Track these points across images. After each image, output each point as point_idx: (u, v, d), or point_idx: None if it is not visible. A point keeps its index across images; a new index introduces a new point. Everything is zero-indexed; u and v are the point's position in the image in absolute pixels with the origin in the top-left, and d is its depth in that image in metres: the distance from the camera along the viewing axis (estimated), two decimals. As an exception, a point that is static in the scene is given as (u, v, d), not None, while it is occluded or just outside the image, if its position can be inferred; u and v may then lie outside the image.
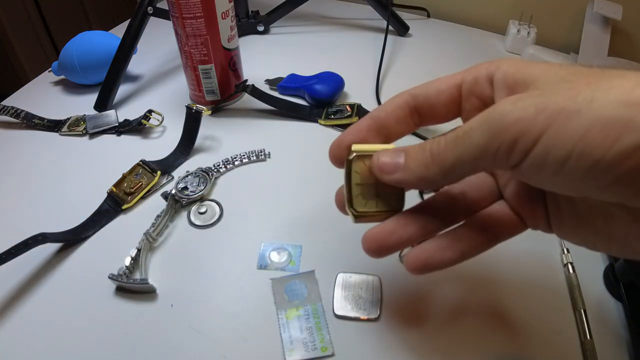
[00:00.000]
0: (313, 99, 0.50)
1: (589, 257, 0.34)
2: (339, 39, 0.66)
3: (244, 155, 0.43)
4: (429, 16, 0.74)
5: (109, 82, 0.50)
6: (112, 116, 0.48)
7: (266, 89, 0.53)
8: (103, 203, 0.38)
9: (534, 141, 0.16)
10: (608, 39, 0.59)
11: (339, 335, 0.29)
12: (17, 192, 0.41)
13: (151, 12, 0.49)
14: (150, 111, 0.47)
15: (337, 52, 0.62)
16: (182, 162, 0.43)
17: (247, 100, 0.52)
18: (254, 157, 0.43)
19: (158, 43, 0.63)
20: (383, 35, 0.60)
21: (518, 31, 0.63)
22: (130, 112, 0.49)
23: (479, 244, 0.23)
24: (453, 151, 0.19)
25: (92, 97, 0.50)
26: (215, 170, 0.42)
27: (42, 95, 0.54)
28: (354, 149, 0.23)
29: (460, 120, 0.24)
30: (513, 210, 0.23)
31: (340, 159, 0.24)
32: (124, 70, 0.51)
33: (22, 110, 0.47)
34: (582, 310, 0.30)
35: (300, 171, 0.42)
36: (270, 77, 0.55)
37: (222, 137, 0.46)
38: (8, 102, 0.51)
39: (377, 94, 0.53)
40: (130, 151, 0.44)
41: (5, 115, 0.47)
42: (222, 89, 0.49)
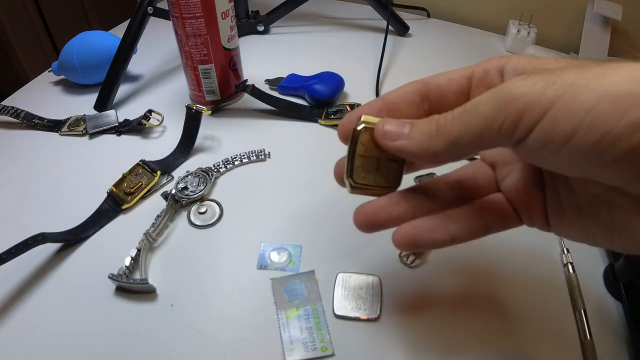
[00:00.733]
0: (313, 99, 0.50)
1: (589, 257, 0.34)
2: (339, 39, 0.66)
3: (244, 155, 0.43)
4: (429, 16, 0.74)
5: (109, 82, 0.50)
6: (112, 116, 0.48)
7: (266, 89, 0.53)
8: (103, 203, 0.38)
9: (542, 113, 0.16)
10: (608, 39, 0.59)
11: (339, 335, 0.29)
12: (17, 192, 0.41)
13: (151, 12, 0.49)
14: (150, 111, 0.47)
15: (337, 52, 0.62)
16: (182, 162, 0.43)
17: (247, 100, 0.52)
18: (254, 157, 0.43)
19: (158, 43, 0.63)
20: (383, 35, 0.60)
21: (518, 31, 0.63)
22: (130, 112, 0.49)
23: (471, 231, 0.22)
24: (459, 123, 0.18)
25: (92, 97, 0.50)
26: (215, 170, 0.42)
27: (42, 95, 0.54)
28: (364, 119, 0.22)
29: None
30: (509, 202, 0.23)
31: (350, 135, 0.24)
32: (124, 70, 0.51)
33: (22, 110, 0.47)
34: (582, 310, 0.30)
35: (300, 171, 0.42)
36: (270, 77, 0.55)
37: (222, 137, 0.47)
38: (8, 102, 0.51)
39: (377, 94, 0.53)
40: (130, 151, 0.44)
41: (5, 115, 0.47)
42: (222, 89, 0.49)
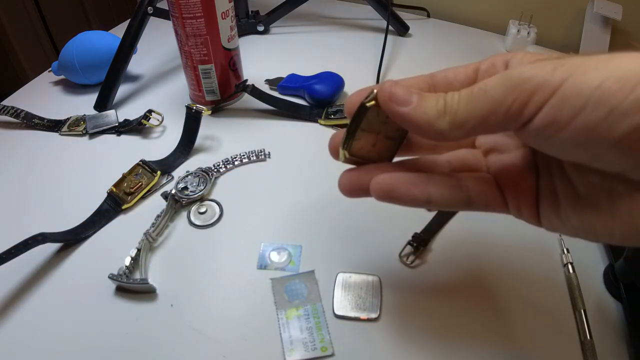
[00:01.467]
0: (313, 99, 0.50)
1: (589, 257, 0.34)
2: (339, 39, 0.66)
3: (244, 155, 0.43)
4: (429, 16, 0.74)
5: (109, 82, 0.50)
6: (112, 116, 0.48)
7: (266, 89, 0.53)
8: (103, 203, 0.38)
9: (551, 93, 0.16)
10: (608, 39, 0.59)
11: (339, 335, 0.29)
12: (17, 192, 0.41)
13: (151, 12, 0.49)
14: (150, 111, 0.47)
15: (337, 52, 0.62)
16: (182, 162, 0.43)
17: (247, 100, 0.52)
18: (254, 157, 0.43)
19: (158, 43, 0.63)
20: (383, 35, 0.60)
21: (518, 31, 0.63)
22: (130, 112, 0.49)
23: (450, 198, 0.22)
24: (468, 104, 0.18)
25: (92, 97, 0.50)
26: (215, 170, 0.42)
27: (42, 95, 0.54)
28: (375, 94, 0.21)
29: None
30: (498, 185, 0.23)
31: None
32: (124, 70, 0.51)
33: (22, 110, 0.47)
34: (582, 310, 0.30)
35: (300, 171, 0.42)
36: (270, 77, 0.55)
37: (222, 137, 0.47)
38: (8, 102, 0.51)
39: (377, 94, 0.53)
40: (130, 151, 0.44)
41: (5, 115, 0.47)
42: (222, 89, 0.49)
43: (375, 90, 0.21)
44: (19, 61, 1.23)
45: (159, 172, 0.40)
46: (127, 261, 0.33)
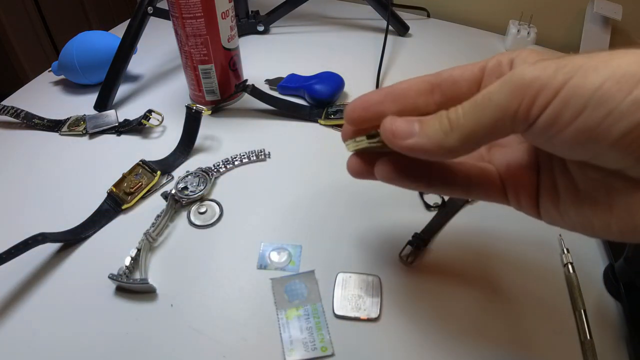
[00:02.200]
0: (313, 99, 0.50)
1: (589, 257, 0.34)
2: (339, 39, 0.66)
3: (244, 155, 0.43)
4: (429, 16, 0.74)
5: (109, 82, 0.50)
6: (112, 116, 0.48)
7: (266, 89, 0.53)
8: (103, 203, 0.38)
9: (554, 94, 0.16)
10: (608, 39, 0.59)
11: (339, 335, 0.29)
12: (17, 192, 0.41)
13: (151, 12, 0.49)
14: (150, 111, 0.47)
15: (337, 52, 0.62)
16: (182, 162, 0.43)
17: (247, 100, 0.52)
18: (254, 157, 0.43)
19: (158, 43, 0.63)
20: (383, 35, 0.60)
21: (518, 31, 0.63)
22: (130, 112, 0.49)
23: (447, 184, 0.23)
24: (474, 115, 0.18)
25: (92, 97, 0.50)
26: (215, 170, 0.42)
27: (42, 95, 0.54)
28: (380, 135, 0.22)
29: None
30: (500, 178, 0.23)
31: (361, 120, 0.24)
32: (124, 70, 0.51)
33: (22, 110, 0.47)
34: (582, 310, 0.30)
35: (300, 171, 0.42)
36: (270, 77, 0.55)
37: (222, 137, 0.47)
38: (8, 102, 0.51)
39: (377, 94, 0.53)
40: (130, 151, 0.44)
41: (5, 115, 0.47)
42: (222, 89, 0.49)
43: (380, 131, 0.22)
44: (19, 61, 1.23)
45: (159, 172, 0.40)
46: (127, 261, 0.33)
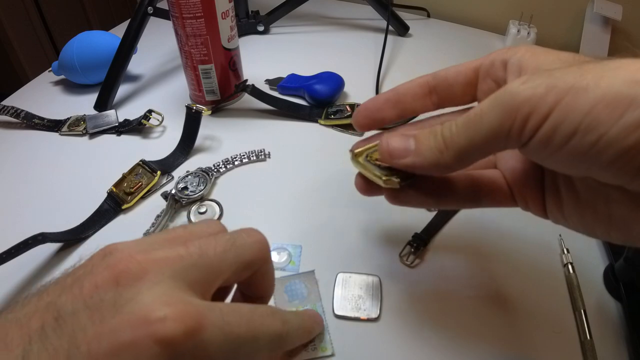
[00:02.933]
0: (313, 99, 0.50)
1: (589, 257, 0.34)
2: (339, 39, 0.66)
3: (244, 155, 0.43)
4: (429, 16, 0.74)
5: (109, 82, 0.50)
6: (112, 116, 0.48)
7: (266, 89, 0.53)
8: (103, 203, 0.38)
9: (545, 117, 0.16)
10: (608, 39, 0.59)
11: (339, 335, 0.29)
12: (17, 192, 0.41)
13: (151, 12, 0.49)
14: (150, 111, 0.47)
15: (337, 52, 0.62)
16: (182, 162, 0.43)
17: (247, 100, 0.52)
18: (254, 157, 0.43)
19: (158, 43, 0.63)
20: (383, 35, 0.60)
21: (518, 31, 0.63)
22: (130, 112, 0.49)
23: (458, 197, 0.23)
24: (466, 134, 0.19)
25: (92, 97, 0.50)
26: (215, 170, 0.42)
27: (42, 95, 0.54)
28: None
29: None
30: (507, 183, 0.24)
31: (367, 126, 0.26)
32: (124, 70, 0.51)
33: (22, 110, 0.47)
34: (582, 310, 0.30)
35: (300, 171, 0.42)
36: (270, 77, 0.55)
37: (222, 137, 0.47)
38: (8, 102, 0.51)
39: (377, 94, 0.53)
40: (130, 151, 0.44)
41: (5, 115, 0.47)
42: (222, 89, 0.49)
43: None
44: (19, 61, 1.23)
45: (159, 172, 0.40)
46: (127, 261, 0.32)
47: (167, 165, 0.42)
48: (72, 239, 0.35)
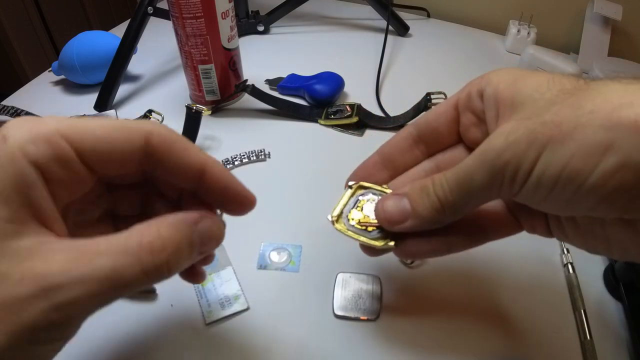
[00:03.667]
0: (313, 99, 0.50)
1: (589, 257, 0.34)
2: (339, 39, 0.66)
3: (244, 155, 0.43)
4: (429, 16, 0.74)
5: (109, 82, 0.50)
6: (112, 116, 0.48)
7: (266, 89, 0.53)
8: (103, 203, 0.38)
9: (529, 172, 0.17)
10: (608, 39, 0.59)
11: (339, 335, 0.29)
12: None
13: (151, 12, 0.49)
14: (150, 111, 0.47)
15: (337, 52, 0.62)
16: (182, 162, 0.43)
17: (247, 100, 0.52)
18: (254, 157, 0.43)
19: (158, 43, 0.63)
20: (383, 35, 0.60)
21: (518, 31, 0.63)
22: (130, 112, 0.49)
23: (468, 240, 0.23)
24: (459, 194, 0.20)
25: (92, 97, 0.50)
26: (215, 170, 0.41)
27: (42, 95, 0.54)
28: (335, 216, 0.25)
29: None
30: (510, 212, 0.24)
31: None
32: (124, 70, 0.51)
33: (22, 110, 0.47)
34: (582, 310, 0.30)
35: (300, 171, 0.42)
36: (270, 77, 0.55)
37: (222, 137, 0.46)
38: (8, 102, 0.51)
39: (377, 94, 0.53)
40: (130, 151, 0.44)
41: (5, 115, 0.46)
42: (222, 89, 0.49)
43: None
44: (19, 61, 1.23)
45: (159, 172, 0.40)
46: (127, 261, 0.33)
47: (167, 165, 0.42)
48: (72, 239, 0.35)
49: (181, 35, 0.45)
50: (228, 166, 0.42)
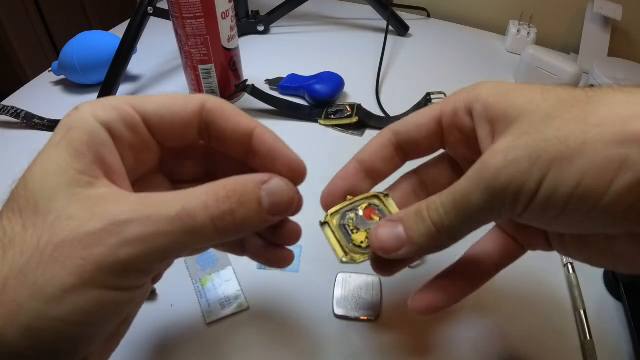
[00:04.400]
0: (313, 99, 0.50)
1: (589, 257, 0.34)
2: (339, 39, 0.66)
3: (244, 155, 0.43)
4: (429, 16, 0.74)
5: (109, 82, 0.50)
6: (112, 116, 0.48)
7: (266, 89, 0.53)
8: (103, 203, 0.38)
9: (532, 195, 0.16)
10: (608, 39, 0.59)
11: (338, 335, 0.29)
12: (17, 192, 0.40)
13: (151, 12, 0.49)
14: (150, 111, 0.46)
15: (337, 52, 0.62)
16: (182, 162, 0.43)
17: (247, 100, 0.52)
18: (254, 157, 0.43)
19: (158, 43, 0.63)
20: (383, 35, 0.60)
21: (518, 31, 0.63)
22: (130, 112, 0.49)
23: (471, 286, 0.24)
24: (457, 218, 0.18)
25: (92, 97, 0.50)
26: (215, 170, 0.41)
27: (42, 95, 0.54)
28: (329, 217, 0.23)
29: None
30: (508, 235, 0.23)
31: (333, 206, 0.24)
32: (124, 70, 0.51)
33: (22, 110, 0.47)
34: (582, 310, 0.30)
35: (300, 171, 0.42)
36: (270, 77, 0.55)
37: (222, 137, 0.46)
38: (8, 102, 0.51)
39: (377, 94, 0.53)
40: (130, 151, 0.44)
41: (5, 115, 0.47)
42: (222, 89, 0.49)
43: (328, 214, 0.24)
44: (19, 61, 1.23)
45: (159, 172, 0.40)
46: (127, 261, 0.33)
47: (167, 165, 0.42)
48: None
49: (181, 35, 0.45)
50: (228, 166, 0.42)
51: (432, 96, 0.46)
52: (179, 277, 0.33)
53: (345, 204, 0.24)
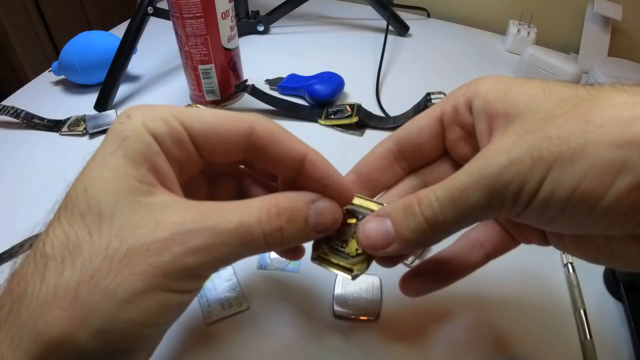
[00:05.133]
0: (313, 99, 0.50)
1: (589, 257, 0.34)
2: (339, 39, 0.66)
3: (244, 155, 0.43)
4: (429, 16, 0.74)
5: (109, 82, 0.50)
6: (112, 116, 0.48)
7: (266, 89, 0.53)
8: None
9: (533, 194, 0.16)
10: (608, 39, 0.59)
11: (339, 335, 0.29)
12: (16, 192, 0.41)
13: (151, 12, 0.49)
14: (150, 111, 0.46)
15: (337, 52, 0.62)
16: (182, 162, 0.43)
17: (247, 100, 0.52)
18: (254, 157, 0.43)
19: (158, 43, 0.63)
20: (383, 35, 0.60)
21: (518, 31, 0.63)
22: (130, 112, 0.49)
23: (474, 265, 0.23)
24: (452, 214, 0.17)
25: (92, 97, 0.50)
26: (215, 170, 0.41)
27: (42, 95, 0.54)
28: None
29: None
30: (502, 228, 0.23)
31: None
32: (124, 70, 0.51)
33: (22, 110, 0.47)
34: (582, 310, 0.30)
35: (300, 171, 0.42)
36: (270, 77, 0.55)
37: (222, 137, 0.46)
38: (8, 102, 0.51)
39: (377, 94, 0.53)
40: (130, 151, 0.44)
41: (5, 115, 0.47)
42: (222, 89, 0.49)
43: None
44: (19, 61, 1.22)
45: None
46: (127, 261, 0.33)
47: (167, 165, 0.42)
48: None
49: (181, 35, 0.45)
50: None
51: (432, 96, 0.46)
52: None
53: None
